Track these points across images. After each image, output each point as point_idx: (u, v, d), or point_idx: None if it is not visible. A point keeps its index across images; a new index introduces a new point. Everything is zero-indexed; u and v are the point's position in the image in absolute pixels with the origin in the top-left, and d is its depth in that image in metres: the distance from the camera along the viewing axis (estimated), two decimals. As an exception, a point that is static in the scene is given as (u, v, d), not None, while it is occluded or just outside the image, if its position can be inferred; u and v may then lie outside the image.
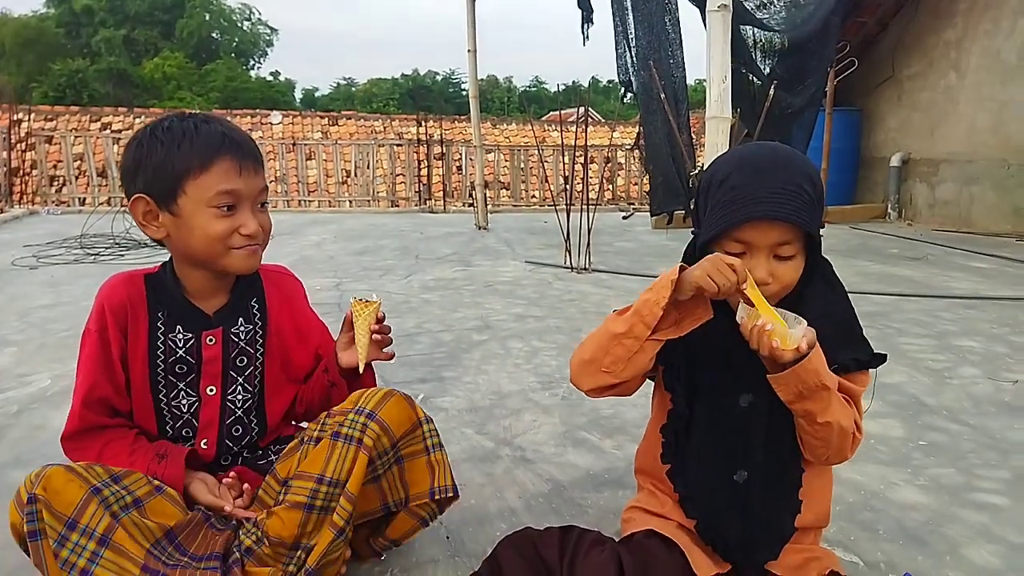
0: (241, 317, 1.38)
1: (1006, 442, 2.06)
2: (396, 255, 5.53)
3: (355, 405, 1.24)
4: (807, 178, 1.10)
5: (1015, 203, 6.74)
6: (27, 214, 8.01)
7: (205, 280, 1.34)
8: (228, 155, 1.23)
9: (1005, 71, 6.78)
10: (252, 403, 1.41)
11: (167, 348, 1.33)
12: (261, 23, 46.62)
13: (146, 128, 1.26)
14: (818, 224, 1.12)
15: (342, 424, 1.21)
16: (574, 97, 12.58)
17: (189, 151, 1.22)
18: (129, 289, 1.32)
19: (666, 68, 4.67)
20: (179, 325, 1.33)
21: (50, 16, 38.59)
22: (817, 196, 1.11)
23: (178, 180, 1.22)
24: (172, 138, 1.22)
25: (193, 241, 1.25)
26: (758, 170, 1.10)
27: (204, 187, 1.22)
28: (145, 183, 1.23)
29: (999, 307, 3.79)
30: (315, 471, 1.19)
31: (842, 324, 1.18)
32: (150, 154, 1.22)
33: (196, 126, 1.24)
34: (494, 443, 2.04)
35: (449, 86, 50.32)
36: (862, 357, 1.17)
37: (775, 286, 1.11)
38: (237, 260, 1.28)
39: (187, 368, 1.34)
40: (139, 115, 16.50)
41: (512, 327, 3.32)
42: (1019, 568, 1.44)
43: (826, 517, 1.27)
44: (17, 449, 1.97)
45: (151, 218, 1.26)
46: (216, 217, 1.23)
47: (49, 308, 3.63)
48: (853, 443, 1.14)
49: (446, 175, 11.30)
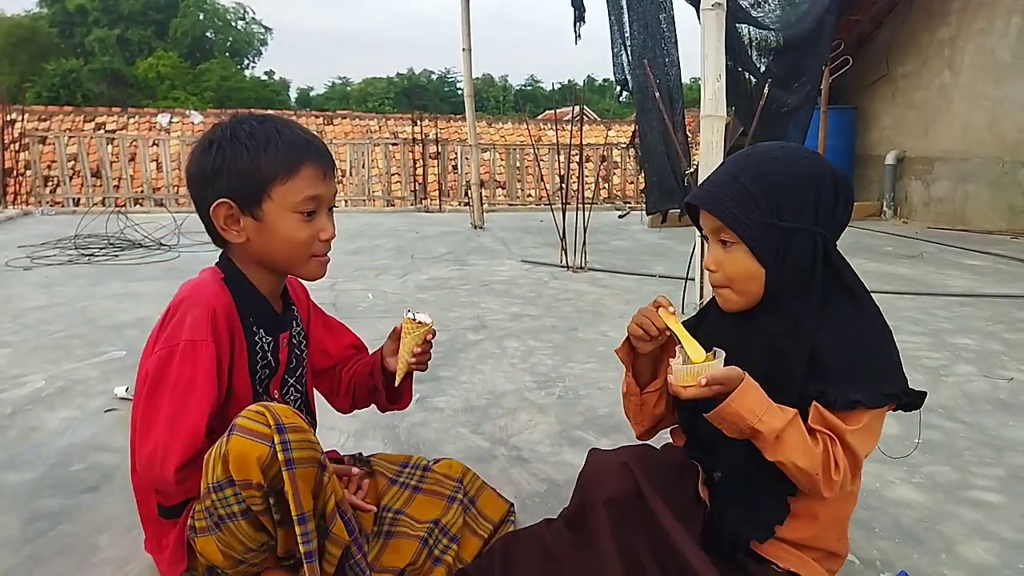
0: (293, 319, 1.41)
1: (1001, 439, 2.07)
2: (392, 254, 5.53)
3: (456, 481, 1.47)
4: (757, 174, 1.13)
5: (1009, 201, 6.76)
6: (21, 215, 7.98)
7: (275, 282, 1.34)
8: (313, 161, 1.23)
9: (999, 69, 6.80)
10: (302, 400, 1.43)
11: (263, 353, 1.31)
12: (255, 22, 46.48)
13: (223, 131, 1.22)
14: (744, 218, 1.13)
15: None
16: (570, 96, 12.59)
17: (276, 156, 1.20)
18: (226, 294, 1.26)
19: (661, 66, 4.66)
20: (263, 328, 1.31)
21: (43, 16, 38.38)
22: (761, 193, 1.12)
23: (265, 185, 1.20)
24: (258, 143, 1.20)
25: (277, 246, 1.24)
26: (726, 162, 1.21)
27: (291, 192, 1.21)
28: (229, 187, 1.20)
29: (994, 304, 3.80)
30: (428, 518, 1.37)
31: (854, 356, 1.11)
32: (235, 158, 1.19)
33: (279, 131, 1.22)
34: (490, 443, 2.04)
35: (444, 85, 50.25)
36: (856, 397, 1.08)
37: (720, 275, 1.18)
38: (314, 267, 1.29)
39: (269, 372, 1.33)
40: (133, 115, 16.45)
41: (508, 326, 3.32)
42: (1014, 565, 1.44)
43: (832, 541, 1.23)
44: (12, 450, 1.96)
45: (232, 222, 1.23)
46: (300, 222, 1.23)
47: (43, 309, 3.61)
48: (826, 485, 1.09)
49: (442, 174, 11.28)
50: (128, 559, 1.42)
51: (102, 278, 4.45)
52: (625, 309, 3.62)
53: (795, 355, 1.13)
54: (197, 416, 1.13)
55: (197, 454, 1.12)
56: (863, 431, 1.10)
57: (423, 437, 2.07)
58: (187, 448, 1.12)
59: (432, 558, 1.33)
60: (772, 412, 1.07)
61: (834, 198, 1.14)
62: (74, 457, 1.92)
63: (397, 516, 1.39)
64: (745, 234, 1.13)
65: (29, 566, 1.42)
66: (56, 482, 1.78)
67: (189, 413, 1.13)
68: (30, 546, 1.49)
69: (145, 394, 1.15)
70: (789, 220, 1.12)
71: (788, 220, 1.12)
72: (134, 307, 3.64)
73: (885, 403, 1.11)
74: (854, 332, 1.13)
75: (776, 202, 1.12)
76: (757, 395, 1.08)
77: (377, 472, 1.48)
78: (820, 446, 1.08)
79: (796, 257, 1.13)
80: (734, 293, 1.18)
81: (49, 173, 11.53)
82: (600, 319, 3.48)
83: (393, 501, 1.43)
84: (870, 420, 1.11)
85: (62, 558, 1.45)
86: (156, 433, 1.12)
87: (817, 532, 1.20)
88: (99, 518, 1.59)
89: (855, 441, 1.10)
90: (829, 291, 1.14)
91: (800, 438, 1.08)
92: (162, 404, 1.13)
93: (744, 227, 1.13)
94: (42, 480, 1.79)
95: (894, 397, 1.11)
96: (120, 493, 1.68)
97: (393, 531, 1.36)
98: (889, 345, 1.15)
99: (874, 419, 1.12)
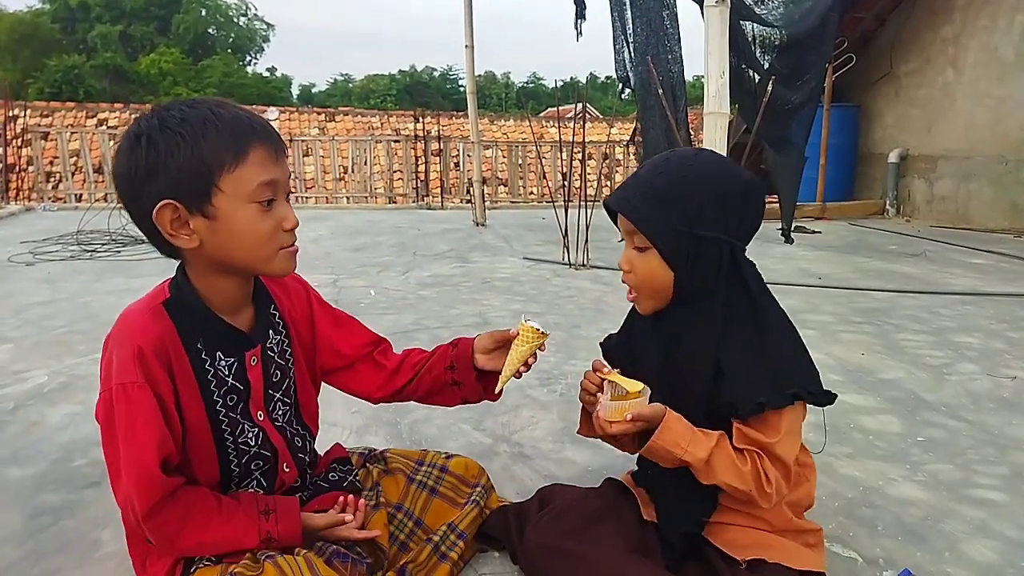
0: (271, 329, 1.25)
1: (1004, 438, 2.06)
2: (393, 251, 5.52)
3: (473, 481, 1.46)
4: (671, 181, 1.17)
5: (1012, 199, 6.75)
6: (23, 210, 7.98)
7: (234, 291, 1.17)
8: (262, 141, 1.07)
9: (1002, 67, 6.79)
10: (291, 413, 1.31)
11: (218, 379, 1.16)
12: (257, 19, 46.43)
13: (148, 121, 1.05)
14: (656, 224, 1.17)
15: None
16: (572, 93, 12.60)
17: (218, 141, 1.04)
18: (157, 322, 1.11)
19: (664, 63, 4.66)
20: (219, 351, 1.16)
21: (45, 12, 38.36)
22: (674, 199, 1.15)
23: (211, 176, 1.04)
24: (194, 129, 1.03)
25: (237, 244, 1.08)
26: (644, 165, 1.26)
27: (243, 180, 1.05)
28: (169, 185, 1.03)
29: (997, 303, 3.80)
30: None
31: (756, 360, 1.14)
32: (171, 151, 1.02)
33: (215, 113, 1.05)
34: (492, 439, 2.03)
35: (447, 82, 50.22)
36: (760, 399, 1.11)
37: (632, 276, 1.24)
38: (282, 261, 1.13)
39: (237, 397, 1.19)
40: (135, 111, 16.45)
41: (510, 324, 3.31)
42: (1016, 563, 1.44)
43: (786, 522, 1.25)
44: (14, 445, 1.96)
45: (179, 226, 1.06)
46: (259, 213, 1.07)
47: (45, 304, 3.61)
48: (761, 498, 1.14)
49: (444, 171, 11.27)
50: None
51: (104, 274, 4.45)
52: (628, 307, 3.62)
53: (701, 360, 1.18)
54: (146, 461, 1.04)
55: (157, 500, 1.05)
56: (786, 438, 1.14)
57: (425, 434, 2.07)
58: (143, 494, 1.04)
59: (439, 554, 1.32)
60: (697, 442, 1.12)
61: (744, 207, 1.18)
62: (76, 453, 1.92)
63: (414, 530, 1.36)
64: (657, 240, 1.18)
65: (31, 561, 1.42)
66: (58, 477, 1.78)
67: (137, 460, 1.04)
68: (32, 541, 1.49)
69: (104, 442, 1.08)
70: (699, 227, 1.15)
71: (698, 227, 1.15)
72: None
73: (789, 402, 1.14)
74: (756, 337, 1.16)
75: (687, 209, 1.15)
76: (679, 427, 1.13)
77: (394, 469, 1.44)
78: (749, 464, 1.14)
79: (704, 264, 1.17)
80: (644, 294, 1.24)
81: (51, 169, 11.52)
82: (602, 316, 3.47)
83: (412, 504, 1.39)
84: (788, 424, 1.15)
85: (64, 553, 1.45)
86: (121, 483, 1.06)
87: (770, 520, 1.23)
88: (101, 513, 1.59)
89: (781, 451, 1.14)
90: (734, 298, 1.18)
91: (728, 460, 1.13)
92: (117, 451, 1.05)
93: (656, 233, 1.17)
94: (44, 475, 1.79)
95: (797, 396, 1.14)
96: (122, 488, 1.68)
97: (408, 544, 1.35)
98: (792, 347, 1.19)
99: (792, 422, 1.16)
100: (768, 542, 1.21)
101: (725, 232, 1.16)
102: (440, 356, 1.42)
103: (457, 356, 1.40)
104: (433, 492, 1.42)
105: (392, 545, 1.32)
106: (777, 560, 1.19)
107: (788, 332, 1.20)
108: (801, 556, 1.21)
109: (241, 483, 1.23)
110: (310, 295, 1.38)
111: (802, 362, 1.18)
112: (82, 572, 1.40)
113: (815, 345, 2.95)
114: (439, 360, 1.41)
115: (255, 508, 1.15)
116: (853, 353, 2.87)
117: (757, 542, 1.21)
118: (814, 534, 1.28)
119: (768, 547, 1.20)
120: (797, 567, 1.19)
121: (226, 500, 1.15)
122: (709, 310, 1.18)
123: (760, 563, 1.18)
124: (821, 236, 6.45)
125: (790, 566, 1.18)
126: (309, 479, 1.36)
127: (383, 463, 1.46)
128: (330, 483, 1.36)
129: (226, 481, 1.21)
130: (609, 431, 1.15)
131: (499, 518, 1.42)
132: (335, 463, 1.42)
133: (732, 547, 1.21)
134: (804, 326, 3.27)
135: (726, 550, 1.20)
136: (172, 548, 1.11)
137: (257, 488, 1.25)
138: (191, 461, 1.16)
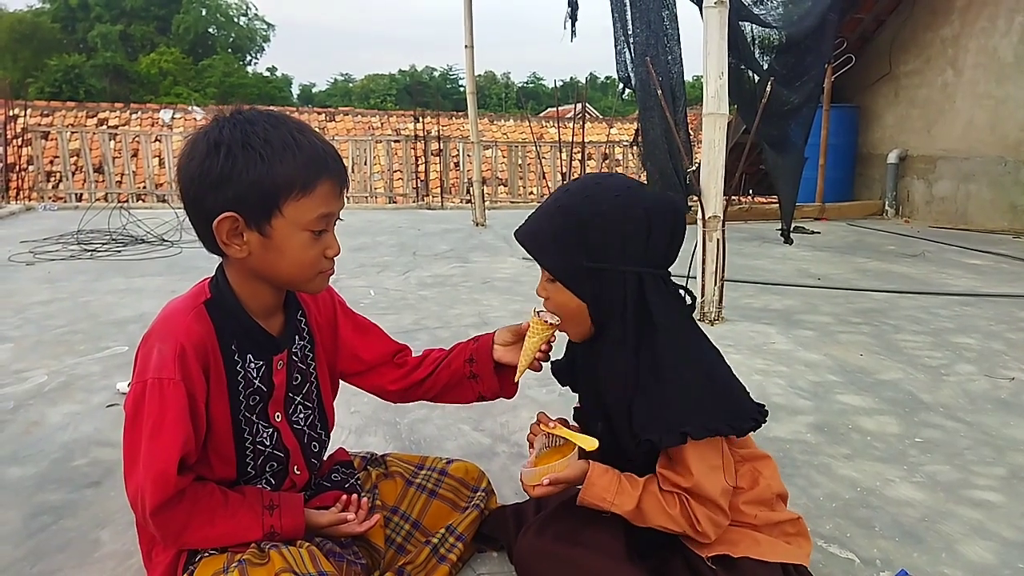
0: (296, 335, 1.29)
1: (1002, 439, 2.07)
2: (393, 251, 5.53)
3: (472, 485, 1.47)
4: (568, 213, 1.15)
5: (1011, 200, 6.75)
6: (23, 210, 7.98)
7: (270, 297, 1.21)
8: (331, 176, 1.11)
9: (1001, 68, 6.79)
10: (314, 417, 1.34)
11: (246, 381, 1.20)
12: (258, 18, 46.39)
13: (232, 133, 1.07)
14: (557, 258, 1.17)
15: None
16: (572, 93, 12.59)
17: (293, 169, 1.07)
18: (200, 323, 1.14)
19: (663, 64, 4.66)
20: (250, 353, 1.20)
21: (45, 11, 38.35)
22: (571, 232, 1.14)
23: (277, 200, 1.07)
24: (273, 151, 1.06)
25: (282, 265, 1.13)
26: (550, 196, 1.24)
27: (305, 209, 1.09)
28: (236, 198, 1.06)
29: (995, 304, 3.80)
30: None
31: (651, 399, 1.13)
32: (248, 167, 1.05)
33: (295, 138, 1.08)
34: (491, 439, 2.04)
35: (447, 82, 50.22)
36: (653, 438, 1.11)
37: (551, 304, 1.23)
38: (319, 283, 1.19)
39: (259, 398, 1.22)
40: (135, 111, 16.45)
41: (510, 324, 3.31)
42: (1014, 564, 1.44)
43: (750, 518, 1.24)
44: (14, 445, 1.97)
45: (234, 236, 1.10)
46: (310, 240, 1.12)
47: (46, 304, 3.62)
48: (697, 535, 1.14)
49: (444, 171, 11.28)
50: (130, 554, 1.43)
51: (104, 273, 4.46)
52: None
53: (615, 394, 1.18)
54: (166, 459, 1.06)
55: (168, 498, 1.07)
56: (704, 476, 1.12)
57: (424, 434, 2.07)
58: (157, 492, 1.06)
59: (437, 556, 1.33)
60: (623, 493, 1.14)
61: (647, 234, 1.14)
62: (76, 452, 1.92)
63: (412, 532, 1.38)
64: (557, 275, 1.18)
65: (31, 560, 1.43)
66: (58, 477, 1.78)
67: (158, 457, 1.06)
68: (32, 540, 1.50)
69: (126, 429, 1.11)
70: (599, 260, 1.14)
71: (599, 260, 1.14)
72: (136, 302, 3.65)
73: (682, 441, 1.10)
74: (653, 373, 1.14)
75: (585, 242, 1.14)
76: (603, 482, 1.15)
77: (393, 472, 1.46)
78: (678, 506, 1.14)
79: (609, 296, 1.15)
80: (565, 323, 1.25)
81: (52, 168, 11.54)
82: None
83: (410, 507, 1.41)
84: (700, 460, 1.12)
85: (64, 553, 1.46)
86: (136, 475, 1.08)
87: (737, 517, 1.22)
88: (101, 513, 1.60)
89: (703, 490, 1.12)
90: (641, 328, 1.15)
91: (658, 505, 1.14)
92: (139, 443, 1.07)
93: (555, 267, 1.17)
94: (44, 475, 1.80)
95: (715, 431, 1.11)
96: (122, 488, 1.67)
97: (405, 546, 1.36)
98: (699, 378, 1.14)
99: (704, 458, 1.13)
100: (734, 537, 1.19)
101: (628, 263, 1.13)
102: (460, 351, 1.45)
103: (477, 349, 1.43)
104: (433, 494, 1.43)
105: (388, 547, 1.33)
106: (745, 554, 1.16)
107: (700, 361, 1.16)
108: (774, 548, 1.18)
109: (252, 483, 1.25)
110: (335, 301, 1.41)
111: (707, 395, 1.13)
112: (82, 572, 1.40)
113: (814, 346, 2.96)
114: (458, 354, 1.44)
115: (259, 503, 1.17)
116: (851, 354, 2.88)
117: (722, 539, 1.18)
118: (792, 523, 1.24)
119: (735, 543, 1.18)
120: (771, 559, 1.16)
121: (231, 495, 1.17)
122: (621, 341, 1.16)
123: (726, 559, 1.16)
124: (820, 236, 6.45)
125: (763, 559, 1.16)
126: (313, 480, 1.38)
127: (383, 467, 1.48)
128: (332, 484, 1.38)
129: (240, 480, 1.23)
130: (532, 495, 1.17)
131: (497, 518, 1.43)
132: (338, 465, 1.44)
133: (698, 545, 1.19)
134: (802, 326, 3.27)
135: (692, 548, 1.19)
136: (177, 542, 1.13)
137: (265, 487, 1.26)
138: (210, 459, 1.18)
